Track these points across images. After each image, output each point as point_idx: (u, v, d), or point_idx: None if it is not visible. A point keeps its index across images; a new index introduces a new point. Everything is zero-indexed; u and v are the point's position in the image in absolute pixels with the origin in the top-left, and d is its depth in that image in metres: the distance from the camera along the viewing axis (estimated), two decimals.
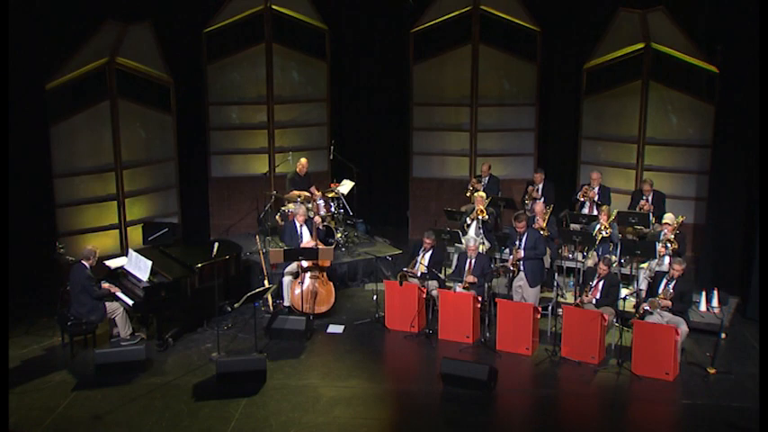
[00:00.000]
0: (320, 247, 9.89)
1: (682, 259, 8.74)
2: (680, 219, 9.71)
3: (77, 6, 10.32)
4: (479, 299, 9.21)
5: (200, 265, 9.38)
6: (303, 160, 11.54)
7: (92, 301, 8.75)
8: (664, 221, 9.71)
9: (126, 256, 9.73)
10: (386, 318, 9.67)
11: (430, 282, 9.61)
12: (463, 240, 10.00)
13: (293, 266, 10.01)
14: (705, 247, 10.57)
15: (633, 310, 8.88)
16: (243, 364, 8.10)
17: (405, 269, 9.69)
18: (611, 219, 9.99)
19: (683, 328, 8.35)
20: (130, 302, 8.97)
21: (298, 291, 9.81)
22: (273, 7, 12.04)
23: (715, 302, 9.65)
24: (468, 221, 10.57)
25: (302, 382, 8.16)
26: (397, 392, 8.15)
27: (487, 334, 9.19)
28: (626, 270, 9.97)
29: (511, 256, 9.55)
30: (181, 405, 7.65)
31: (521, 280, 9.50)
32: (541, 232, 9.83)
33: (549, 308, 9.43)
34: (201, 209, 12.37)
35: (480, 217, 10.47)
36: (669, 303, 8.39)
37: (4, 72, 9.11)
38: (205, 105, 12.19)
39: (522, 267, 9.45)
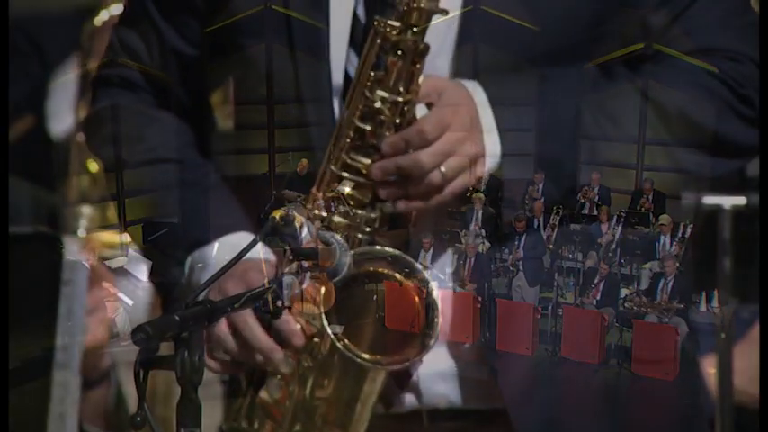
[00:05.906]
0: (320, 247, 9.90)
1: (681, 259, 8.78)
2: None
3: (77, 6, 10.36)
4: (479, 299, 9.22)
5: (200, 265, 9.41)
6: (304, 161, 11.53)
7: None
8: (660, 223, 9.71)
9: (126, 256, 9.76)
10: (386, 318, 9.66)
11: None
12: (463, 240, 10.02)
13: (293, 266, 10.02)
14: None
15: (633, 311, 8.91)
16: None
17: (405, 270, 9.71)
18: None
19: (683, 329, 8.36)
20: (130, 302, 8.97)
21: (298, 291, 9.82)
22: (273, 7, 12.06)
23: (715, 302, 9.66)
24: (469, 223, 10.60)
25: None
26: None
27: (487, 334, 9.19)
28: (626, 270, 10.00)
29: (510, 256, 9.57)
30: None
31: (519, 280, 9.50)
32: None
33: (549, 308, 9.45)
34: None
35: (480, 217, 10.49)
36: (669, 304, 8.41)
37: (3, 72, 9.14)
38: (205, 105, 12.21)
39: (520, 267, 9.46)
